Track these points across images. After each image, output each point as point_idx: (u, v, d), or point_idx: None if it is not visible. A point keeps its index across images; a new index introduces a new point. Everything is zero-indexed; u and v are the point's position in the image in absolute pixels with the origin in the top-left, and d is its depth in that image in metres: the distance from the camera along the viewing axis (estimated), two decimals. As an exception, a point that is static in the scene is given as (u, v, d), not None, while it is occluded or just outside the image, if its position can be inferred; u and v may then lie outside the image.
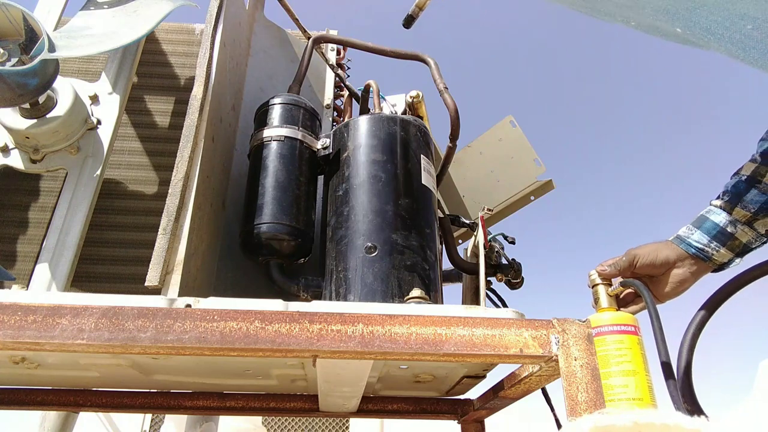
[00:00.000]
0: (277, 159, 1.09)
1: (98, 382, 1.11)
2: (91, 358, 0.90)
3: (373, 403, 1.28)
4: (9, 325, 0.67)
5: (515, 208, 1.49)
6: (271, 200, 1.05)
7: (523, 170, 1.46)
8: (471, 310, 0.79)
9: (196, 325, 0.68)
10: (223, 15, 1.11)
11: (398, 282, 0.93)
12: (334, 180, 1.09)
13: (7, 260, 1.19)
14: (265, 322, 0.69)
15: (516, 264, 1.13)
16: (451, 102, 1.23)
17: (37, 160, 1.13)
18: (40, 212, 1.25)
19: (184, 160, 0.91)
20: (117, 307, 0.69)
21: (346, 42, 1.39)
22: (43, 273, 1.00)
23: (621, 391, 0.78)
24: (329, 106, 1.53)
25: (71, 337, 0.66)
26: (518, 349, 0.71)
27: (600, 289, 0.90)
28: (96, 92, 1.20)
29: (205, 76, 1.00)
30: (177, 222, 0.86)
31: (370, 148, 1.07)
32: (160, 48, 1.46)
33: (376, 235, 0.97)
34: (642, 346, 0.82)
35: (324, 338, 0.69)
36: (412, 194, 1.04)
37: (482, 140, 1.53)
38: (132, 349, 0.68)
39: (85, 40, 1.07)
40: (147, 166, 1.34)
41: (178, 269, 0.83)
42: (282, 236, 1.04)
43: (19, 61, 1.01)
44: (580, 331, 0.72)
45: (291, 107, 1.16)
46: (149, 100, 1.41)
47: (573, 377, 0.69)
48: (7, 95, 0.98)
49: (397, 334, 0.70)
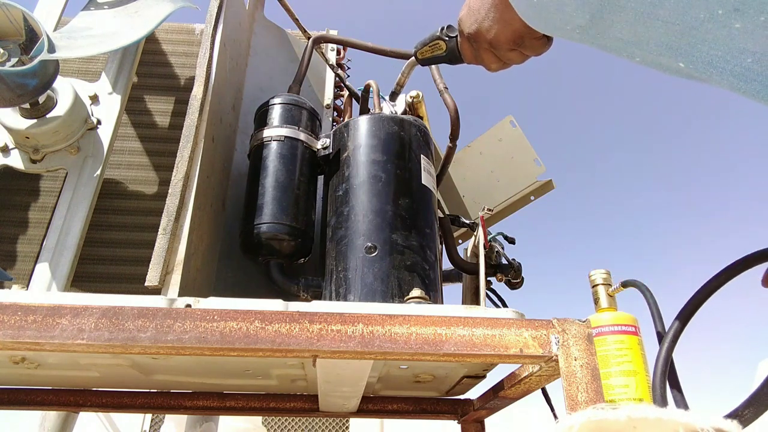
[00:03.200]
0: (277, 159, 1.09)
1: (98, 382, 1.11)
2: (91, 358, 0.90)
3: (373, 403, 1.28)
4: (9, 325, 0.67)
5: (515, 208, 1.49)
6: (271, 200, 1.05)
7: (523, 170, 1.45)
8: (471, 310, 0.79)
9: (196, 325, 0.68)
10: (223, 15, 1.11)
11: (398, 282, 0.93)
12: (334, 180, 1.09)
13: (7, 260, 1.19)
14: (265, 322, 0.69)
15: (516, 264, 1.13)
16: (451, 102, 1.23)
17: (37, 160, 1.13)
18: (40, 212, 1.25)
19: (184, 160, 0.91)
20: (117, 307, 0.69)
21: (346, 42, 1.39)
22: (43, 273, 1.01)
23: (621, 391, 0.78)
24: (329, 106, 1.53)
25: (71, 337, 0.66)
26: (518, 349, 0.71)
27: (600, 289, 0.90)
28: (96, 92, 1.20)
29: (205, 76, 1.00)
30: (177, 222, 0.86)
31: (370, 148, 1.07)
32: (160, 48, 1.46)
33: (376, 235, 0.97)
34: (642, 347, 0.82)
35: (324, 338, 0.69)
36: (412, 194, 1.04)
37: (482, 140, 1.53)
38: (132, 349, 0.68)
39: (85, 40, 1.07)
40: (147, 166, 1.34)
41: (178, 269, 0.83)
42: (282, 236, 1.04)
43: (19, 61, 1.01)
44: (580, 331, 0.72)
45: (291, 107, 1.16)
46: (149, 100, 1.41)
47: (573, 377, 0.69)
48: (6, 95, 0.98)
49: (397, 334, 0.70)
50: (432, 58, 0.95)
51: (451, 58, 0.91)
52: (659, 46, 0.38)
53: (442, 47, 0.92)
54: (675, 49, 0.37)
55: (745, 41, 0.33)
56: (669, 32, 0.36)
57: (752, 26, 0.32)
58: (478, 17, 0.66)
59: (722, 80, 0.36)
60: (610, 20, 0.39)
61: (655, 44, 0.38)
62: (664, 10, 0.35)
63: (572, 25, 0.42)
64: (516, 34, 0.63)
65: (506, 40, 0.65)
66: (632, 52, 0.40)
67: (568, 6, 0.40)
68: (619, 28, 0.39)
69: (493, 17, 0.63)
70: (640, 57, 0.40)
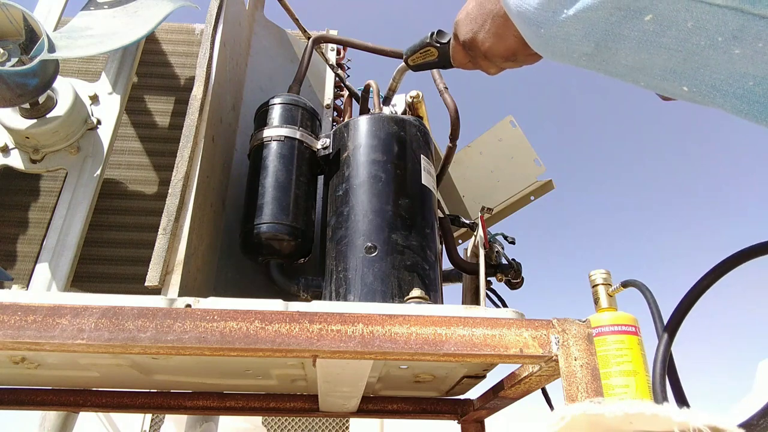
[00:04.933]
0: (277, 159, 1.09)
1: (98, 382, 1.11)
2: (91, 358, 0.90)
3: (373, 403, 1.28)
4: (9, 325, 0.67)
5: (515, 208, 1.49)
6: (271, 200, 1.05)
7: (523, 170, 1.45)
8: (471, 310, 0.79)
9: (196, 325, 0.68)
10: (223, 15, 1.11)
11: (398, 282, 0.93)
12: (334, 180, 1.09)
13: (7, 260, 1.19)
14: (265, 322, 0.69)
15: (516, 264, 1.13)
16: (451, 102, 1.23)
17: (37, 160, 1.13)
18: (40, 212, 1.25)
19: (184, 160, 0.91)
20: (117, 307, 0.69)
21: (346, 42, 1.39)
22: (43, 273, 1.00)
23: (622, 391, 0.78)
24: (329, 106, 1.53)
25: (71, 337, 0.66)
26: (518, 349, 0.71)
27: (600, 289, 0.90)
28: (96, 92, 1.20)
29: (205, 76, 1.00)
30: (177, 222, 0.86)
31: (370, 148, 1.07)
32: (160, 48, 1.46)
33: (376, 235, 0.97)
34: (642, 347, 0.82)
35: (324, 338, 0.69)
36: (412, 194, 1.04)
37: (482, 140, 1.53)
38: (132, 349, 0.68)
39: (85, 40, 1.07)
40: (147, 166, 1.34)
41: (178, 269, 0.83)
42: (282, 236, 1.04)
43: (19, 61, 1.01)
44: (580, 331, 0.72)
45: (291, 107, 1.16)
46: (149, 100, 1.41)
47: (573, 377, 0.69)
48: (6, 95, 0.98)
49: (397, 334, 0.70)
50: (424, 64, 0.95)
51: (444, 63, 0.90)
52: (663, 71, 0.39)
53: (433, 53, 0.91)
54: (678, 73, 0.38)
55: (745, 66, 0.34)
56: (672, 58, 0.37)
57: (751, 52, 0.33)
58: (475, 27, 0.65)
59: (725, 103, 0.37)
60: (615, 48, 0.40)
61: (659, 69, 0.39)
62: (665, 38, 0.36)
63: (578, 53, 0.43)
64: (510, 51, 0.63)
65: (500, 54, 0.65)
66: (637, 77, 0.42)
67: (573, 36, 0.42)
68: (623, 55, 0.40)
69: (490, 30, 0.63)
70: (644, 82, 0.41)
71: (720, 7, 0.33)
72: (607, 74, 0.45)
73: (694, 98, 0.39)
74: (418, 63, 0.96)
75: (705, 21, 0.34)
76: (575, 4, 0.40)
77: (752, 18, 0.32)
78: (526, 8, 0.44)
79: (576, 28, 0.41)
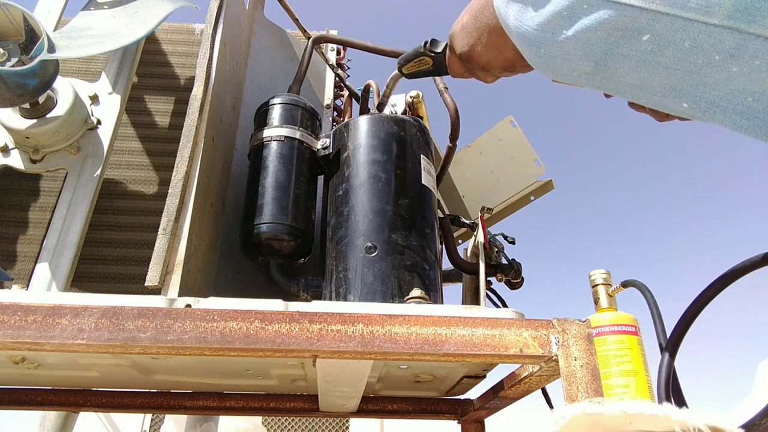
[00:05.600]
0: (277, 159, 1.09)
1: (98, 382, 1.11)
2: (91, 358, 0.90)
3: (373, 403, 1.28)
4: (9, 325, 0.67)
5: (515, 208, 1.49)
6: (271, 200, 1.05)
7: (523, 170, 1.45)
8: (471, 310, 0.79)
9: (196, 325, 0.68)
10: (223, 15, 1.11)
11: (398, 282, 0.93)
12: (334, 180, 1.09)
13: (7, 260, 1.19)
14: (265, 322, 0.69)
15: (516, 264, 1.13)
16: (451, 102, 1.23)
17: (37, 160, 1.13)
18: (40, 212, 1.25)
19: (184, 160, 0.91)
20: (117, 307, 0.69)
21: (346, 42, 1.39)
22: (43, 273, 1.01)
23: (621, 391, 0.78)
24: (329, 106, 1.53)
25: (71, 337, 0.66)
26: (518, 349, 0.71)
27: (600, 289, 0.90)
28: (96, 92, 1.20)
29: (205, 76, 1.00)
30: (177, 222, 0.86)
31: (370, 148, 1.07)
32: (160, 48, 1.46)
33: (376, 235, 0.97)
34: (642, 347, 0.82)
35: (324, 338, 0.69)
36: (412, 194, 1.04)
37: (482, 140, 1.53)
38: (132, 349, 0.68)
39: (85, 40, 1.07)
40: (147, 166, 1.34)
41: (178, 269, 0.83)
42: (282, 236, 1.04)
43: (19, 61, 1.01)
44: (580, 331, 0.72)
45: (291, 107, 1.16)
46: (149, 100, 1.41)
47: (573, 377, 0.69)
48: (6, 95, 0.98)
49: (397, 334, 0.70)
50: (418, 72, 0.95)
51: (439, 71, 0.90)
52: (663, 89, 0.39)
53: (428, 62, 0.91)
54: (678, 90, 0.38)
55: (743, 83, 0.35)
56: (671, 76, 0.38)
57: (749, 69, 0.34)
58: (471, 40, 0.65)
59: (726, 119, 0.37)
60: (614, 67, 0.41)
61: (659, 87, 0.39)
62: (664, 57, 0.37)
63: (578, 72, 0.44)
64: (508, 62, 0.63)
65: (498, 66, 0.65)
66: (637, 94, 0.42)
67: (573, 55, 0.42)
68: (623, 73, 0.41)
69: (486, 43, 0.62)
70: (645, 99, 0.42)
71: (716, 27, 0.34)
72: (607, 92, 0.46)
73: (695, 114, 0.40)
74: (412, 71, 0.95)
75: (702, 40, 0.35)
76: (574, 25, 0.40)
77: (748, 37, 0.33)
78: (525, 29, 0.45)
79: (575, 48, 0.41)
